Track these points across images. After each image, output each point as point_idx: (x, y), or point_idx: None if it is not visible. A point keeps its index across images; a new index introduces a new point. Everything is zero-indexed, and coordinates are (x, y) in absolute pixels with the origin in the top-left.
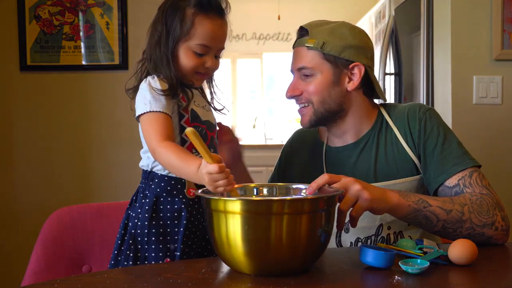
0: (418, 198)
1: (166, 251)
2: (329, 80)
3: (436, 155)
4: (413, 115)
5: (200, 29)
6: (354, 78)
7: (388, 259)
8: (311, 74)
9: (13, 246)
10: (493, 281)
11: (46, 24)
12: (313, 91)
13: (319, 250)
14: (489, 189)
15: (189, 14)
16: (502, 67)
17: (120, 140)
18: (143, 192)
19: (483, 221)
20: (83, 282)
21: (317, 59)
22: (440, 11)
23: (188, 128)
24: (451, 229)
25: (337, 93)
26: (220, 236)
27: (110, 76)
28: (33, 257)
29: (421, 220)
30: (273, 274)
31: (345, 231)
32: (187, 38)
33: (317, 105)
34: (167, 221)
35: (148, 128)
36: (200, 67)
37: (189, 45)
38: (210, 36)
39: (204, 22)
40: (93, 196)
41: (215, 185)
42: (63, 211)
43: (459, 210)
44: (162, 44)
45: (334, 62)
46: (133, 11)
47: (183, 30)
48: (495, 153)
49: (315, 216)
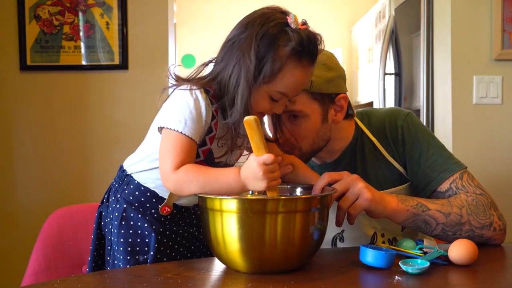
0: (416, 202)
1: (135, 262)
2: (319, 120)
3: (422, 164)
4: (393, 124)
5: (288, 76)
6: (341, 110)
7: (388, 259)
8: (300, 116)
9: (13, 246)
10: (493, 281)
11: (46, 24)
12: (303, 135)
13: (313, 248)
14: (481, 188)
15: (282, 54)
16: (502, 67)
17: (120, 140)
18: (115, 194)
19: (481, 223)
20: (83, 282)
21: (304, 99)
22: (440, 11)
23: (250, 116)
24: (450, 232)
25: (325, 129)
26: (216, 235)
27: (110, 76)
28: (33, 257)
29: (420, 224)
30: (268, 271)
31: (340, 240)
32: (270, 81)
33: (306, 148)
34: (137, 231)
35: (169, 148)
36: (268, 111)
37: (269, 90)
38: (293, 86)
39: (295, 70)
40: (93, 196)
41: (271, 177)
42: (63, 211)
43: (457, 213)
44: (250, 78)
45: (321, 99)
46: (133, 11)
47: (271, 72)
48: (495, 153)
49: (308, 214)
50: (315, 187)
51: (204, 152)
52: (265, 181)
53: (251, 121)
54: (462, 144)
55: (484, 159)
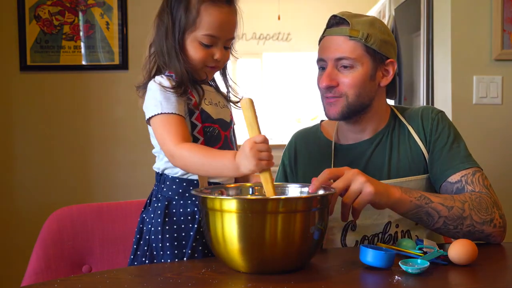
0: (420, 194)
1: (182, 256)
2: (368, 73)
3: (445, 153)
4: (426, 115)
5: (206, 18)
6: (388, 74)
7: (388, 259)
8: (350, 66)
9: (13, 246)
10: (493, 281)
11: (46, 24)
12: (351, 83)
13: (313, 248)
14: (489, 189)
15: (194, 2)
16: (502, 67)
17: (120, 140)
18: (156, 195)
19: (482, 218)
20: (83, 282)
21: (359, 50)
22: (440, 11)
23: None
24: (451, 226)
25: (371, 87)
26: (216, 235)
27: (110, 76)
28: (33, 257)
29: (422, 216)
30: (268, 271)
31: (352, 229)
32: (194, 28)
33: (352, 98)
34: (181, 225)
35: (161, 131)
36: (209, 60)
37: (196, 36)
38: (217, 25)
39: (211, 10)
40: (93, 196)
41: (260, 156)
42: (63, 211)
43: (460, 207)
44: (169, 35)
45: (374, 56)
46: (133, 11)
47: (189, 20)
48: (495, 153)
49: (309, 214)
50: (314, 182)
51: (197, 118)
52: (254, 158)
53: (246, 101)
54: None
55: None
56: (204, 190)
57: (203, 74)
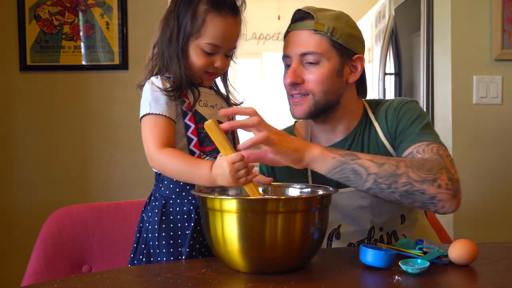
0: (346, 152)
1: (178, 254)
2: (335, 69)
3: (402, 135)
4: (391, 109)
5: (211, 27)
6: (356, 70)
7: (388, 259)
8: (316, 62)
9: (13, 246)
10: (493, 281)
11: (46, 24)
12: (318, 80)
13: (313, 248)
14: (443, 158)
15: (201, 10)
16: (502, 67)
17: (120, 140)
18: (154, 194)
19: (422, 177)
20: (83, 282)
21: (325, 45)
22: (440, 11)
23: (209, 120)
24: (384, 185)
25: (339, 83)
26: (216, 235)
27: (110, 76)
28: (33, 257)
29: (349, 174)
30: (268, 271)
31: (336, 237)
32: (198, 36)
33: (319, 96)
34: (177, 224)
35: (146, 132)
36: (210, 67)
37: (199, 43)
38: (221, 35)
39: (216, 20)
40: (93, 196)
41: (238, 175)
42: (63, 211)
43: (393, 164)
44: (173, 40)
45: (340, 50)
46: (133, 11)
47: (194, 27)
48: (495, 153)
49: (309, 214)
50: (244, 143)
51: (191, 120)
52: (233, 178)
53: (209, 124)
54: (462, 144)
55: (484, 159)
56: (204, 190)
57: (200, 79)
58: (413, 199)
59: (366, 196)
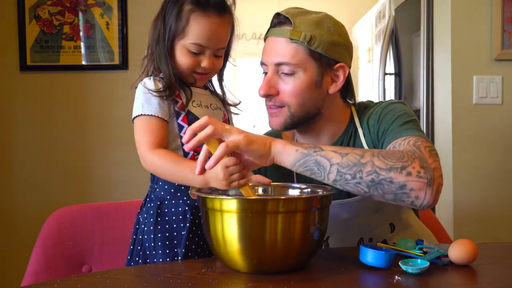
0: (311, 145)
1: (174, 255)
2: (312, 80)
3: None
4: (374, 111)
5: (195, 27)
6: (338, 80)
7: (388, 259)
8: (291, 73)
9: (13, 246)
10: (493, 281)
11: (46, 24)
12: (293, 92)
13: (313, 248)
14: (420, 149)
15: (185, 10)
16: (502, 67)
17: (120, 140)
18: (150, 196)
19: (389, 164)
20: (83, 282)
21: (301, 54)
22: (440, 11)
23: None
24: (349, 175)
25: (318, 95)
26: (216, 235)
27: (110, 76)
28: (33, 257)
29: (312, 167)
30: (268, 271)
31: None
32: (183, 36)
33: (295, 109)
34: (173, 225)
35: (138, 133)
36: (197, 67)
37: (184, 43)
38: (206, 35)
39: (200, 20)
40: (93, 196)
41: (231, 179)
42: (63, 211)
43: (358, 153)
44: (161, 40)
45: (319, 60)
46: (133, 11)
47: (179, 27)
48: (495, 153)
49: (309, 214)
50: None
51: (184, 120)
52: (226, 182)
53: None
54: (462, 144)
55: (484, 159)
56: (204, 190)
57: (191, 79)
58: (382, 190)
59: (352, 209)
